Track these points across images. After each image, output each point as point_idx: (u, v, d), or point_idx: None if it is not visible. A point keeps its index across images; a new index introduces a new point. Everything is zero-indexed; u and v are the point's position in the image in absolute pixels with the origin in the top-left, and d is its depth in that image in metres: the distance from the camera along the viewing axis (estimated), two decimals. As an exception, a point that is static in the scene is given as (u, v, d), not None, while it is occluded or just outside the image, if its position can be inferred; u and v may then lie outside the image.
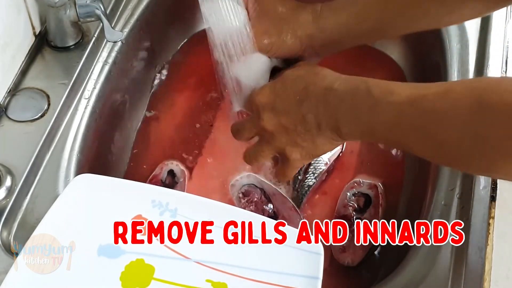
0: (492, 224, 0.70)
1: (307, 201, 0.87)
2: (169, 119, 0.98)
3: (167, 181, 0.90)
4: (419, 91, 0.57)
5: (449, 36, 0.89)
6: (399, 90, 0.58)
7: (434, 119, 0.55)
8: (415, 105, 0.56)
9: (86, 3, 0.79)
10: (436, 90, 0.56)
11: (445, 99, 0.54)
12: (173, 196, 0.70)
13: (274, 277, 0.64)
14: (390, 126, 0.58)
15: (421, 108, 0.56)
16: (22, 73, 0.81)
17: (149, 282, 0.63)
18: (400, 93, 0.57)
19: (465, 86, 0.56)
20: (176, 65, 1.04)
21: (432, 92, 0.56)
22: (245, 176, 0.87)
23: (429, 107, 0.55)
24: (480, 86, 0.54)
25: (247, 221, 0.67)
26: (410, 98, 0.56)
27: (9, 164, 0.73)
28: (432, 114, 0.55)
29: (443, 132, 0.55)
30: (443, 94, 0.55)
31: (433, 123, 0.55)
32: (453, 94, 0.55)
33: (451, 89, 0.55)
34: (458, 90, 0.55)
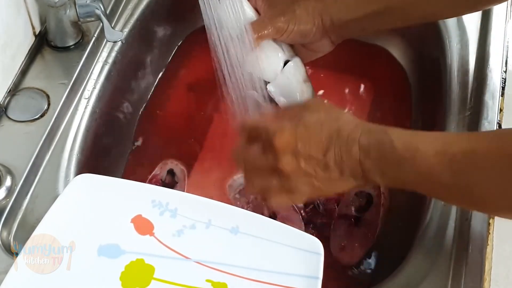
0: (492, 224, 0.70)
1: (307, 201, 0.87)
2: (169, 118, 0.98)
3: (166, 180, 0.90)
4: (445, 148, 0.57)
5: (449, 36, 0.89)
6: (424, 147, 0.58)
7: (464, 178, 0.57)
8: (443, 165, 0.57)
9: (86, 3, 0.79)
10: (463, 147, 0.57)
11: (473, 159, 0.56)
12: (173, 196, 0.70)
13: (274, 277, 0.64)
14: (419, 181, 0.59)
15: (449, 169, 0.57)
16: (22, 73, 0.81)
17: (149, 282, 0.63)
18: (426, 152, 0.57)
19: (490, 141, 0.57)
20: (176, 65, 1.04)
21: (458, 150, 0.56)
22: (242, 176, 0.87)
23: (458, 168, 0.56)
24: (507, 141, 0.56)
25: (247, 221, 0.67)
26: (437, 159, 0.57)
27: (9, 164, 0.73)
28: (462, 174, 0.57)
29: (473, 189, 0.57)
30: (471, 154, 0.56)
31: (463, 182, 0.57)
32: (480, 152, 0.56)
33: (477, 148, 0.56)
34: (485, 147, 0.56)
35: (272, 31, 0.71)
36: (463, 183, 0.57)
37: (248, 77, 0.73)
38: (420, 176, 0.58)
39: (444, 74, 0.87)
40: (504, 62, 0.85)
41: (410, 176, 0.59)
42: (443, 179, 0.57)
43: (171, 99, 1.00)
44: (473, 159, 0.56)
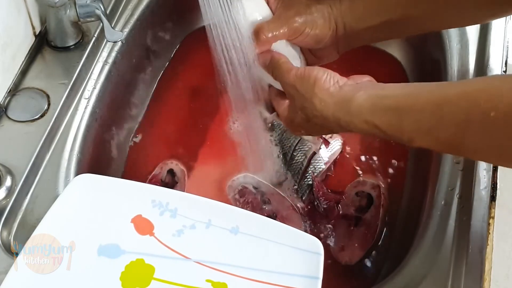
0: (492, 224, 0.70)
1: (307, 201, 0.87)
2: (169, 118, 0.98)
3: (166, 180, 0.90)
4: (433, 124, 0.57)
5: (449, 36, 0.89)
6: (415, 137, 0.58)
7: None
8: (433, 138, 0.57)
9: (86, 3, 0.80)
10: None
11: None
12: (173, 196, 0.70)
13: (274, 277, 0.64)
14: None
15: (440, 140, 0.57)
16: (22, 73, 0.81)
17: (149, 282, 0.63)
18: (419, 141, 0.58)
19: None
20: (176, 64, 1.04)
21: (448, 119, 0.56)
22: (242, 176, 0.87)
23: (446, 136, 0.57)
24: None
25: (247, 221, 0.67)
26: (429, 135, 0.57)
27: (9, 164, 0.73)
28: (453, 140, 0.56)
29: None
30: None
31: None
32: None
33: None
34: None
35: (288, 31, 0.70)
36: (456, 145, 0.57)
37: (251, 78, 0.73)
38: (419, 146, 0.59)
39: (444, 74, 0.87)
40: (504, 62, 0.85)
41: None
42: (437, 147, 0.59)
43: (171, 98, 1.00)
44: (465, 128, 0.55)
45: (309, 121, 0.66)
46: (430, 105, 0.56)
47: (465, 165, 0.76)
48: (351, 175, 0.90)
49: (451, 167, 0.76)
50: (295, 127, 0.71)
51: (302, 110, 0.66)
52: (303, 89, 0.65)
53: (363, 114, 0.60)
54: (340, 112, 0.62)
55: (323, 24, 0.71)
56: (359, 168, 0.91)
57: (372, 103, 0.60)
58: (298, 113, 0.67)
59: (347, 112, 0.61)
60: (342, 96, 0.62)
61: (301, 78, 0.65)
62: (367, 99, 0.60)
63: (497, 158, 0.57)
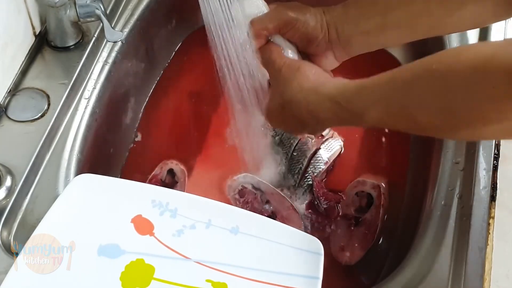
0: (492, 224, 0.70)
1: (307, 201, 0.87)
2: (169, 118, 0.98)
3: (167, 180, 0.90)
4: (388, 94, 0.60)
5: (449, 36, 0.89)
6: (372, 106, 0.61)
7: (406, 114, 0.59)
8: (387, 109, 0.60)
9: (86, 3, 0.80)
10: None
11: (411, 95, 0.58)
12: (173, 196, 0.70)
13: (274, 277, 0.64)
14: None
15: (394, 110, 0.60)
16: (22, 73, 0.81)
17: (149, 282, 0.63)
18: (375, 111, 0.61)
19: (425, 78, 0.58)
20: (176, 64, 1.04)
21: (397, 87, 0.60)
22: (242, 176, 0.87)
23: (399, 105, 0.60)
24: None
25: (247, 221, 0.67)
26: (382, 104, 0.60)
27: (9, 164, 0.73)
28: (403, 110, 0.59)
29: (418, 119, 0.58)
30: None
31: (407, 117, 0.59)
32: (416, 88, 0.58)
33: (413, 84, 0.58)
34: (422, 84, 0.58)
35: (278, 23, 0.71)
36: (409, 118, 0.59)
37: (243, 70, 0.73)
38: (374, 122, 0.62)
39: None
40: (504, 62, 0.84)
41: (366, 123, 0.63)
42: (390, 123, 0.63)
43: (171, 99, 1.00)
44: (413, 94, 0.57)
45: (284, 108, 0.69)
46: (386, 76, 0.60)
47: (465, 165, 0.76)
48: (351, 175, 0.90)
49: (451, 167, 0.76)
50: (273, 117, 0.73)
51: (281, 95, 0.69)
52: (286, 73, 0.68)
53: (329, 93, 0.65)
54: (310, 95, 0.66)
55: (314, 25, 0.72)
56: (359, 168, 0.91)
57: (340, 85, 0.65)
58: (277, 99, 0.70)
59: (316, 92, 0.66)
60: (317, 82, 0.67)
61: (288, 64, 0.69)
62: (337, 83, 0.66)
63: (439, 119, 0.57)
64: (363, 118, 0.62)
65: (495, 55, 0.50)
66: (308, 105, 0.66)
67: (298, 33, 0.72)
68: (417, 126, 0.60)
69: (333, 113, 0.64)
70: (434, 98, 0.56)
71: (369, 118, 0.61)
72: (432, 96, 0.56)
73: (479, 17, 0.70)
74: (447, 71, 0.54)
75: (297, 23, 0.71)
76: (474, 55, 0.52)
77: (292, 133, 0.87)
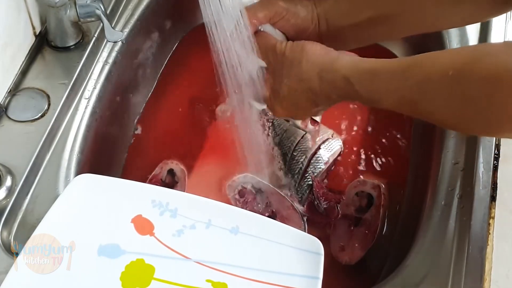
0: (492, 224, 0.70)
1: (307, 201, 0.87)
2: (169, 118, 0.98)
3: (167, 180, 0.90)
4: (403, 84, 0.61)
5: (449, 36, 0.89)
6: (384, 96, 0.63)
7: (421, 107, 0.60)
8: (401, 99, 0.62)
9: (86, 3, 0.80)
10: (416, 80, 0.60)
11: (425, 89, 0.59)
12: (173, 196, 0.70)
13: (274, 277, 0.64)
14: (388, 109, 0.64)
15: (408, 101, 0.61)
16: (22, 73, 0.81)
17: (149, 282, 0.63)
18: (387, 100, 0.62)
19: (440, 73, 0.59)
20: (176, 64, 1.04)
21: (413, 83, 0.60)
22: (242, 176, 0.87)
23: (415, 98, 0.60)
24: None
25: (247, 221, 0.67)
26: (397, 95, 0.62)
27: (9, 164, 0.73)
28: (418, 104, 0.60)
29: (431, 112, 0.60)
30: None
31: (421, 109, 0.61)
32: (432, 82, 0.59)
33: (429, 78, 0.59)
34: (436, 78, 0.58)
35: (269, 13, 0.71)
36: (423, 110, 0.61)
37: (242, 67, 0.73)
38: (388, 108, 0.63)
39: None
40: (504, 62, 0.84)
41: (380, 107, 0.64)
42: (406, 109, 0.64)
43: (171, 98, 1.00)
44: (427, 88, 0.58)
45: (292, 90, 0.69)
46: (400, 67, 0.61)
47: (465, 165, 0.76)
48: (351, 175, 0.90)
49: (451, 167, 0.76)
50: (278, 103, 0.72)
51: (289, 78, 0.68)
52: (291, 55, 0.68)
53: (342, 70, 0.64)
54: (323, 71, 0.66)
55: (305, 16, 0.72)
56: (359, 168, 0.91)
57: (353, 64, 0.65)
58: (284, 82, 0.69)
59: (330, 69, 0.65)
60: (328, 56, 0.67)
61: (290, 46, 0.69)
62: (349, 61, 0.65)
63: (453, 119, 0.59)
64: (374, 104, 0.63)
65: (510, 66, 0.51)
66: (321, 83, 0.66)
67: (288, 24, 0.72)
68: (431, 119, 0.62)
69: (345, 92, 0.65)
70: (449, 103, 0.57)
71: (380, 105, 0.63)
72: (446, 101, 0.57)
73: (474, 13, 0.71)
74: (463, 79, 0.55)
75: (287, 14, 0.72)
76: (491, 65, 0.53)
77: (296, 118, 0.84)
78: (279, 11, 0.72)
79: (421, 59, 0.60)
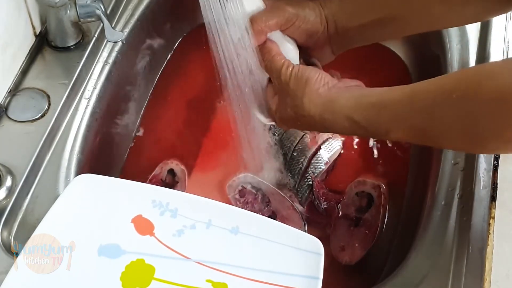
0: (492, 224, 0.70)
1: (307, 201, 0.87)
2: (169, 118, 0.98)
3: (167, 180, 0.90)
4: (409, 115, 0.60)
5: (449, 36, 0.89)
6: (392, 128, 0.62)
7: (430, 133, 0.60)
8: (409, 129, 0.61)
9: (86, 3, 0.80)
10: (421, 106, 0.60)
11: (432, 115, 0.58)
12: (174, 196, 0.70)
13: (274, 277, 0.64)
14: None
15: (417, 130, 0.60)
16: (22, 73, 0.81)
17: (150, 282, 0.63)
18: (396, 132, 0.61)
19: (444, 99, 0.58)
20: (176, 64, 1.04)
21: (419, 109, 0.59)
22: (242, 176, 0.87)
23: (423, 125, 0.60)
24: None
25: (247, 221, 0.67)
26: (405, 126, 0.61)
27: (9, 164, 0.73)
28: (427, 131, 0.60)
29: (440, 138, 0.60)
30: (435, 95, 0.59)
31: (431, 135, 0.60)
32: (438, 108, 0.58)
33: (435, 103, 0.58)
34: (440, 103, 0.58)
35: (280, 20, 0.70)
36: (432, 136, 0.60)
37: (242, 68, 0.73)
38: (397, 139, 0.65)
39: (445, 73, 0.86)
40: (504, 62, 0.85)
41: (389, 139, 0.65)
42: (415, 139, 0.63)
43: (171, 98, 1.00)
44: (435, 114, 0.58)
45: (297, 120, 0.68)
46: (405, 96, 0.61)
47: (465, 165, 0.76)
48: (351, 175, 0.90)
49: (451, 167, 0.76)
50: (284, 122, 0.72)
51: (292, 108, 0.68)
52: (295, 87, 0.67)
53: (344, 111, 0.64)
54: (325, 112, 0.65)
55: (314, 20, 0.72)
56: (359, 168, 0.91)
57: (355, 102, 0.64)
58: (288, 110, 0.69)
59: (332, 111, 0.65)
60: (329, 97, 0.65)
61: (295, 77, 0.67)
62: (350, 98, 0.64)
63: (461, 141, 0.59)
64: (381, 136, 0.64)
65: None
66: (324, 122, 0.66)
67: (298, 30, 0.72)
68: (441, 145, 0.63)
69: (352, 131, 0.65)
70: (456, 126, 0.57)
71: (388, 137, 0.62)
72: (454, 125, 0.57)
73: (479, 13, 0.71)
74: (468, 101, 0.55)
75: (297, 19, 0.71)
76: (495, 87, 0.53)
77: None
78: (290, 18, 0.70)
79: (426, 85, 0.59)
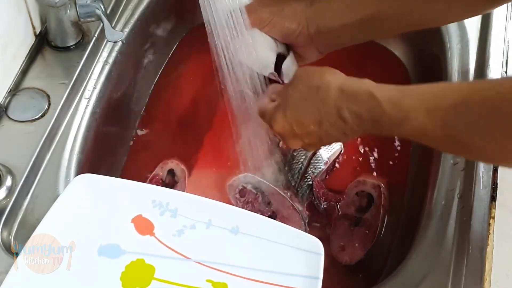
0: (492, 224, 0.70)
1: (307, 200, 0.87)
2: (169, 117, 0.98)
3: (167, 180, 0.90)
4: (436, 104, 0.57)
5: (449, 36, 0.89)
6: (415, 106, 0.58)
7: (458, 131, 0.57)
8: (436, 121, 0.57)
9: (86, 3, 0.80)
10: (455, 100, 0.57)
11: (466, 111, 0.56)
12: (174, 196, 0.70)
13: (274, 277, 0.64)
14: (415, 136, 0.61)
15: (442, 125, 0.57)
16: (22, 73, 0.81)
17: (150, 282, 0.63)
18: (417, 111, 0.58)
19: (484, 91, 0.57)
20: (176, 64, 1.04)
21: (451, 103, 0.57)
22: (242, 176, 0.87)
23: (451, 123, 0.57)
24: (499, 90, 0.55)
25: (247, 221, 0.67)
26: (429, 116, 0.57)
27: (9, 164, 0.73)
28: (455, 128, 0.57)
29: (468, 140, 0.57)
30: (463, 106, 0.56)
31: (458, 135, 0.57)
32: (473, 104, 0.56)
33: (470, 100, 0.56)
34: (478, 98, 0.56)
35: (255, 20, 0.72)
36: (457, 136, 0.57)
37: (242, 68, 0.73)
38: (414, 132, 0.59)
39: (445, 74, 0.86)
40: (504, 62, 0.85)
41: (405, 132, 0.60)
42: (437, 134, 0.58)
43: (171, 98, 1.00)
44: (466, 111, 0.56)
45: (303, 98, 0.65)
46: (433, 89, 0.59)
47: (465, 165, 0.76)
48: (351, 175, 0.90)
49: (451, 167, 0.76)
50: (285, 122, 0.67)
51: (303, 87, 0.66)
52: (308, 77, 0.66)
53: (367, 86, 0.61)
54: (346, 83, 0.63)
55: (292, 19, 0.73)
56: (359, 168, 0.91)
57: (378, 84, 0.62)
58: (291, 91, 0.67)
59: (354, 81, 0.63)
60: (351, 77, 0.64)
61: (303, 70, 0.68)
62: (373, 83, 0.62)
63: (492, 150, 0.57)
64: (396, 125, 0.59)
65: None
66: (341, 94, 0.62)
67: (274, 29, 0.73)
68: (465, 149, 0.59)
69: (366, 108, 0.61)
70: (489, 130, 0.55)
71: (404, 127, 0.59)
72: (487, 128, 0.55)
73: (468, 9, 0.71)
74: (507, 104, 0.53)
75: (272, 20, 0.73)
76: None
77: (308, 148, 0.75)
78: (264, 19, 0.72)
79: (456, 85, 0.59)
